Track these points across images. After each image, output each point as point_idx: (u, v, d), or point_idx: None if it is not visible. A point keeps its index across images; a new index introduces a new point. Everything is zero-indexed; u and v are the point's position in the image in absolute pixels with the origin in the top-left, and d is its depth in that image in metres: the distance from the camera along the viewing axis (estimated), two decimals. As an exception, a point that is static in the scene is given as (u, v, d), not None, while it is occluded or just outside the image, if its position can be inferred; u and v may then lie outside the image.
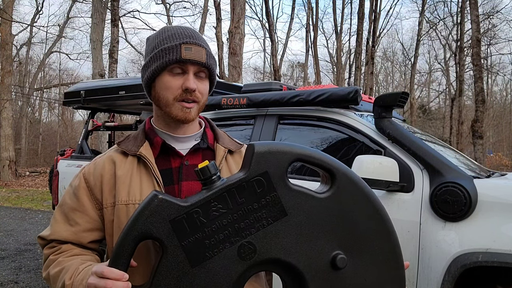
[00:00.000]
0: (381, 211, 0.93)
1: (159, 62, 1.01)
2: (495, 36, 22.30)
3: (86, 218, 1.05)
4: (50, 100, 30.02)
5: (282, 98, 2.70)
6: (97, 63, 11.84)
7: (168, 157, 1.06)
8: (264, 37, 31.90)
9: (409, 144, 2.23)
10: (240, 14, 8.37)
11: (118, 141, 1.11)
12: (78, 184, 1.07)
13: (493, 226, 1.88)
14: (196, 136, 1.10)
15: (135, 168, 1.04)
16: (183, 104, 1.02)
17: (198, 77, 1.03)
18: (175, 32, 1.04)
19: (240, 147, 1.15)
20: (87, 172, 1.08)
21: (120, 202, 1.01)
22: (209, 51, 1.04)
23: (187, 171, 1.05)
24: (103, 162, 1.08)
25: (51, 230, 1.07)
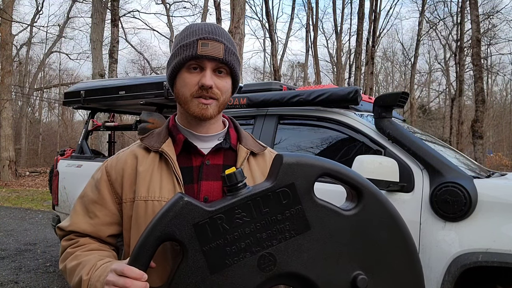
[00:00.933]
0: (406, 233, 0.91)
1: (177, 59, 1.01)
2: (495, 36, 22.30)
3: (106, 211, 1.05)
4: (50, 100, 30.03)
5: (282, 98, 2.70)
6: (97, 63, 11.83)
7: (190, 155, 1.05)
8: (264, 37, 31.93)
9: (409, 144, 2.23)
10: (240, 14, 8.37)
11: (141, 137, 1.10)
12: (100, 177, 1.07)
13: (493, 226, 1.88)
14: (219, 136, 1.09)
15: (156, 165, 1.03)
16: (200, 100, 1.00)
17: (217, 74, 1.01)
18: (196, 28, 1.02)
19: (263, 150, 1.13)
20: (109, 166, 1.08)
21: (139, 198, 1.01)
22: (228, 47, 1.01)
23: (207, 171, 1.04)
24: (126, 156, 1.07)
25: (70, 221, 1.07)
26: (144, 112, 3.59)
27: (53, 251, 5.28)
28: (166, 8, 23.96)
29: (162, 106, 3.74)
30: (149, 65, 26.85)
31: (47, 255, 5.11)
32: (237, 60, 1.04)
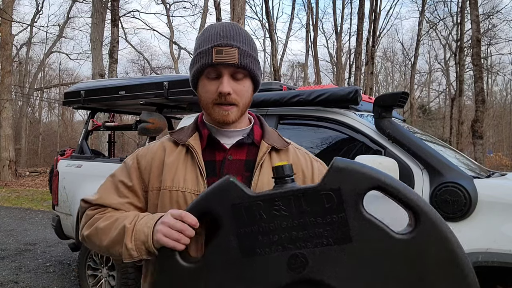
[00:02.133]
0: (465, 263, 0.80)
1: (195, 67, 1.05)
2: (495, 36, 22.31)
3: (133, 195, 1.09)
4: (50, 100, 30.03)
5: (282, 98, 2.70)
6: (97, 63, 11.83)
7: (214, 150, 1.09)
8: (264, 37, 31.96)
9: (409, 144, 2.23)
10: (240, 14, 8.37)
11: (171, 131, 1.16)
12: (131, 164, 1.12)
13: (493, 226, 1.88)
14: (243, 132, 1.12)
15: (182, 157, 1.08)
16: (221, 107, 1.04)
17: (235, 78, 1.03)
18: (212, 32, 1.04)
19: (286, 146, 1.15)
20: (140, 155, 1.12)
21: (165, 188, 1.05)
22: (244, 50, 1.02)
23: (229, 166, 1.07)
24: (156, 148, 1.12)
25: (98, 195, 1.10)
26: (144, 112, 3.59)
27: (53, 251, 5.28)
28: (166, 8, 23.97)
29: (162, 106, 3.74)
30: (149, 65, 26.87)
31: (47, 255, 5.11)
32: (254, 61, 1.05)
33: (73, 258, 4.86)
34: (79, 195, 3.61)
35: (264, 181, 1.04)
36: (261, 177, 1.05)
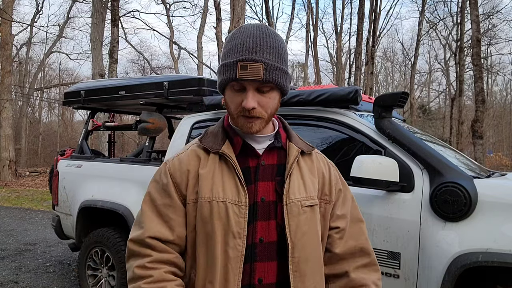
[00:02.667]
0: None
1: (221, 78, 1.04)
2: (495, 36, 22.30)
3: (179, 212, 1.06)
4: (50, 100, 30.02)
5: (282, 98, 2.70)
6: (97, 63, 11.83)
7: (247, 156, 1.08)
8: (264, 37, 31.83)
9: (409, 144, 2.23)
10: (240, 14, 8.37)
11: (199, 137, 1.13)
12: (166, 181, 1.08)
13: (493, 226, 1.88)
14: (270, 137, 1.12)
15: (217, 166, 1.06)
16: (246, 119, 1.03)
17: (261, 92, 1.02)
18: (238, 42, 1.01)
19: (312, 150, 1.16)
20: (173, 169, 1.09)
21: (203, 199, 1.03)
22: (270, 64, 0.99)
23: (263, 171, 1.07)
24: (189, 158, 1.09)
25: (144, 228, 1.05)
26: (144, 112, 3.59)
27: (53, 251, 5.28)
28: (166, 8, 23.96)
29: (162, 106, 3.74)
30: (149, 65, 26.85)
31: (47, 255, 5.11)
32: (281, 73, 1.02)
33: (73, 258, 4.86)
34: (79, 195, 3.61)
35: (295, 185, 1.06)
36: (292, 180, 1.06)
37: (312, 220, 1.06)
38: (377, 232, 2.15)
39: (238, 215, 1.02)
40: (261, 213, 1.04)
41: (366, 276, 1.14)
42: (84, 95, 4.00)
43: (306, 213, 1.05)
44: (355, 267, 1.14)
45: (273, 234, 1.04)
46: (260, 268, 1.02)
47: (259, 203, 1.04)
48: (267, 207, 1.04)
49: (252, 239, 1.03)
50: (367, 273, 1.15)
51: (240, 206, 1.02)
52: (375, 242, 2.15)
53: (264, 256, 1.03)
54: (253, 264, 1.02)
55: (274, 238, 1.04)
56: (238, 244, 1.00)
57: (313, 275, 1.06)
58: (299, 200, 1.05)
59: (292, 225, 1.03)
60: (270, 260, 1.03)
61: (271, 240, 1.03)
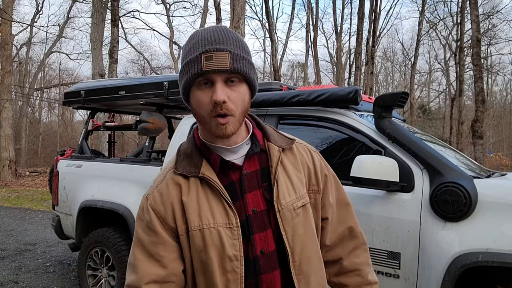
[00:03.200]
0: None
1: (185, 78, 0.96)
2: (495, 36, 22.31)
3: (169, 248, 1.01)
4: (50, 100, 30.02)
5: (282, 98, 2.70)
6: (97, 63, 11.83)
7: (228, 171, 1.02)
8: (264, 37, 31.98)
9: (409, 144, 2.23)
10: (240, 14, 8.37)
11: (174, 162, 1.06)
12: (149, 218, 1.02)
13: (493, 226, 1.88)
14: (247, 141, 1.05)
15: (200, 191, 1.01)
16: (218, 120, 0.94)
17: (230, 84, 0.95)
18: (198, 39, 0.96)
19: (291, 144, 1.09)
20: (154, 203, 1.03)
21: (193, 228, 0.98)
22: (235, 53, 0.94)
23: (248, 182, 1.01)
24: (168, 187, 1.03)
25: (138, 273, 1.01)
26: (144, 112, 3.59)
27: (53, 251, 5.28)
28: (166, 8, 23.97)
29: (162, 106, 3.74)
30: (149, 65, 26.87)
31: (47, 255, 5.11)
32: (248, 63, 0.97)
33: (73, 258, 4.86)
34: (79, 195, 3.61)
35: (283, 189, 1.02)
36: (279, 184, 1.02)
37: (306, 220, 1.04)
38: (377, 232, 2.15)
39: (232, 237, 0.98)
40: (256, 225, 1.00)
41: (358, 259, 1.16)
42: (84, 95, 4.00)
43: (299, 215, 1.02)
44: (347, 252, 1.16)
45: (271, 243, 1.01)
46: (266, 280, 1.00)
47: (251, 216, 1.00)
48: (261, 217, 1.01)
49: (253, 253, 0.99)
50: (359, 255, 1.17)
51: (232, 228, 0.98)
52: (375, 242, 2.15)
53: (268, 267, 1.00)
54: (259, 277, 0.99)
55: (273, 247, 1.01)
56: (236, 266, 0.97)
57: (315, 271, 1.05)
58: (290, 203, 1.01)
59: (288, 231, 1.00)
60: (273, 269, 1.00)
61: (271, 250, 1.01)
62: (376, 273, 2.15)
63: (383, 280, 2.13)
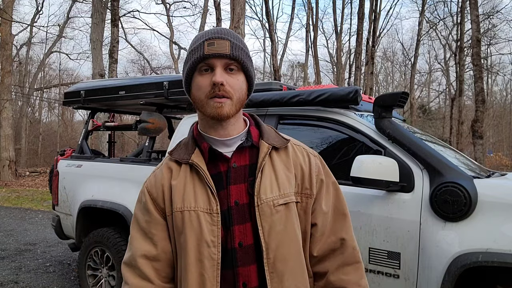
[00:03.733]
0: None
1: (188, 65, 1.04)
2: (495, 36, 22.30)
3: (159, 227, 1.07)
4: (50, 100, 30.03)
5: (282, 98, 2.70)
6: (97, 63, 11.83)
7: (217, 161, 1.06)
8: (264, 37, 31.97)
9: (409, 144, 2.23)
10: (240, 14, 8.37)
11: (170, 151, 1.13)
12: (145, 199, 1.10)
13: (493, 226, 1.88)
14: (241, 136, 1.09)
15: (188, 176, 1.06)
16: (214, 100, 1.00)
17: (229, 72, 1.01)
18: (202, 33, 1.05)
19: (286, 143, 1.12)
20: (149, 185, 1.11)
21: (175, 210, 1.03)
22: (235, 43, 1.02)
23: (234, 174, 1.04)
24: (162, 172, 1.10)
25: (132, 249, 1.09)
26: (144, 112, 3.59)
27: (53, 251, 5.28)
28: (166, 8, 23.96)
29: (162, 106, 3.74)
30: (149, 65, 26.86)
31: (47, 255, 5.11)
32: (246, 55, 1.04)
33: (73, 258, 4.86)
34: (79, 195, 3.61)
35: (266, 184, 1.03)
36: (263, 180, 1.03)
37: (287, 219, 1.03)
38: (377, 232, 2.15)
39: (211, 223, 1.00)
40: (236, 217, 1.02)
41: (346, 277, 1.08)
42: (84, 95, 4.00)
43: (279, 212, 1.02)
44: (335, 267, 1.09)
45: (250, 237, 1.02)
46: (243, 273, 1.01)
47: (233, 207, 1.02)
48: (242, 210, 1.02)
49: (232, 244, 1.01)
50: (348, 273, 1.09)
51: (212, 214, 1.01)
52: (375, 242, 2.15)
53: (245, 260, 1.01)
54: (236, 269, 1.01)
55: (251, 241, 1.02)
56: (213, 252, 0.99)
57: (293, 275, 1.02)
58: (271, 199, 1.02)
59: (265, 226, 1.01)
60: (250, 263, 1.02)
61: (249, 243, 1.02)
62: (376, 273, 2.15)
63: (383, 280, 2.13)
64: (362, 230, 2.19)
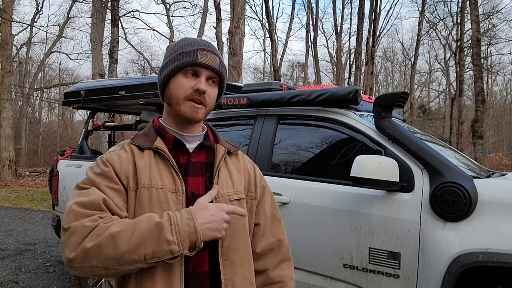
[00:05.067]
0: None
1: (176, 63, 1.10)
2: (495, 36, 22.30)
3: (121, 196, 1.05)
4: (50, 100, 30.02)
5: (282, 98, 2.70)
6: (97, 63, 11.83)
7: (178, 153, 1.14)
8: (264, 37, 31.94)
9: (409, 144, 2.23)
10: (240, 14, 8.37)
11: (132, 137, 1.18)
12: (108, 168, 1.06)
13: (493, 226, 1.88)
14: (200, 137, 1.20)
15: (152, 160, 1.11)
16: (192, 103, 1.10)
17: (209, 83, 1.12)
18: (194, 41, 1.14)
19: (237, 150, 1.26)
20: (111, 159, 1.09)
21: (142, 186, 1.06)
22: (222, 61, 1.14)
23: (193, 168, 1.14)
24: (122, 151, 1.12)
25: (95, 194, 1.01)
26: (144, 112, 3.59)
27: (53, 251, 5.28)
28: (166, 8, 23.96)
29: (162, 106, 3.73)
30: (149, 65, 26.84)
31: (47, 255, 5.11)
32: (226, 73, 1.18)
33: (73, 258, 4.86)
34: (79, 195, 3.61)
35: (223, 181, 1.15)
36: (220, 176, 1.15)
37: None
38: (377, 232, 2.15)
39: (177, 202, 1.06)
40: (191, 206, 1.06)
41: (283, 272, 1.26)
42: (84, 95, 4.00)
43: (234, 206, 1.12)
44: (274, 264, 1.26)
45: None
46: (193, 259, 1.05)
47: (189, 197, 1.09)
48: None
49: None
50: (285, 268, 1.27)
51: (178, 193, 1.07)
52: (375, 242, 2.15)
53: None
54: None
55: None
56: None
57: (241, 263, 1.14)
58: (227, 194, 1.14)
59: None
60: (202, 250, 1.05)
61: None
62: (376, 273, 2.15)
63: (383, 280, 2.13)
64: (362, 230, 2.19)
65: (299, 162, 2.71)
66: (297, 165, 2.69)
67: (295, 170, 2.66)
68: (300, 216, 2.40)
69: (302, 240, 2.37)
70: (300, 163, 2.70)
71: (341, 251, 2.24)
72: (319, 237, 2.32)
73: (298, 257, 2.35)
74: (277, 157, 2.71)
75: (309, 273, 2.37)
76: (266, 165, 2.62)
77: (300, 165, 2.69)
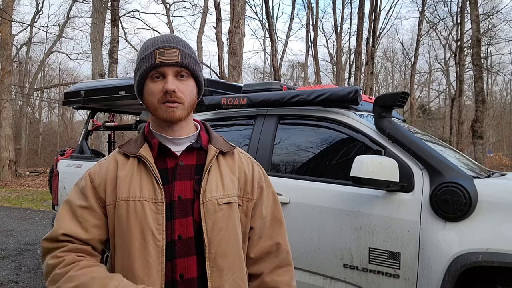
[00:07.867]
0: None
1: (140, 72, 1.09)
2: (495, 36, 22.29)
3: (94, 214, 1.09)
4: (50, 100, 30.02)
5: (282, 98, 2.70)
6: (97, 63, 11.83)
7: (165, 158, 1.12)
8: (264, 37, 31.91)
9: (409, 144, 2.23)
10: (240, 14, 8.37)
11: (120, 145, 1.18)
12: (85, 183, 1.12)
13: (493, 226, 1.88)
14: (191, 138, 1.16)
15: (135, 169, 1.10)
16: (166, 105, 1.07)
17: (179, 79, 1.08)
18: (152, 42, 1.11)
19: (232, 149, 1.20)
20: (93, 172, 1.14)
21: (120, 199, 1.06)
22: (184, 51, 1.09)
23: (181, 171, 1.11)
24: (108, 162, 1.14)
25: (58, 226, 1.08)
26: (144, 112, 3.59)
27: (53, 251, 5.28)
28: (166, 8, 23.95)
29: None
30: (149, 65, 26.78)
31: (47, 255, 5.11)
32: (195, 62, 1.11)
33: (73, 258, 4.86)
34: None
35: (212, 184, 1.10)
36: (209, 179, 1.11)
37: (229, 217, 1.10)
38: (377, 232, 2.15)
39: (156, 212, 1.05)
40: (178, 211, 1.07)
41: (279, 278, 1.19)
42: (84, 95, 4.00)
43: (222, 210, 1.09)
44: (270, 269, 1.19)
45: (191, 230, 1.07)
46: (180, 264, 1.05)
47: (176, 202, 1.07)
48: (184, 205, 1.08)
49: (172, 236, 1.06)
50: (281, 274, 1.19)
51: (157, 203, 1.05)
52: (375, 242, 2.15)
53: (183, 252, 1.06)
54: (174, 260, 1.05)
55: (191, 234, 1.07)
56: (158, 240, 1.03)
57: (232, 269, 1.09)
58: (215, 198, 1.09)
59: (209, 222, 1.07)
60: (189, 255, 1.06)
61: (189, 236, 1.07)
62: (376, 273, 2.15)
63: (383, 280, 2.13)
64: (362, 230, 2.19)
65: (299, 162, 2.71)
66: (297, 165, 2.69)
67: (295, 170, 2.66)
68: (300, 216, 2.40)
69: (302, 240, 2.37)
70: (300, 163, 2.70)
71: (341, 251, 2.24)
72: (319, 237, 2.32)
73: (298, 257, 2.35)
74: (277, 157, 2.71)
75: (309, 273, 2.37)
76: (266, 165, 2.62)
77: (300, 165, 2.69)
